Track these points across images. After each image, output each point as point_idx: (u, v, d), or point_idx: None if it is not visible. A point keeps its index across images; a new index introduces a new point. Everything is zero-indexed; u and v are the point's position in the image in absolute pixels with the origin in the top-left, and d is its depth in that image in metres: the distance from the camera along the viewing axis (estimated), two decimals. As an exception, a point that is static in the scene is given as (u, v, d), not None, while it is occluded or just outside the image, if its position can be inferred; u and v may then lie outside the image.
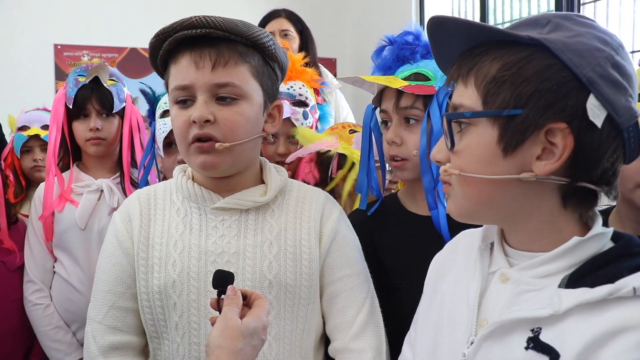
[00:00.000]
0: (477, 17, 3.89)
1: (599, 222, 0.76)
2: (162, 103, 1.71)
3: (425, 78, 1.23)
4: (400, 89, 1.21)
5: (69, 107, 1.73)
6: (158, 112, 1.71)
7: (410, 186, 1.33)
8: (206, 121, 1.01)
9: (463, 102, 0.76)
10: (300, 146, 1.64)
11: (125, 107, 1.78)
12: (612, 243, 0.75)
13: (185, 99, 1.04)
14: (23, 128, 2.28)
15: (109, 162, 1.82)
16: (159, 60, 1.08)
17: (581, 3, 3.31)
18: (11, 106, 2.64)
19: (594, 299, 0.68)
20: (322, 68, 2.66)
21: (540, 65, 0.71)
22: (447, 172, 0.78)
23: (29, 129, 2.26)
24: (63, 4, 4.08)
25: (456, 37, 0.77)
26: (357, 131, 1.61)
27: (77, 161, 1.82)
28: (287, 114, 1.65)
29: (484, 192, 0.76)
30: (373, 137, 1.34)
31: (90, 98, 1.72)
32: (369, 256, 1.21)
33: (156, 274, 1.08)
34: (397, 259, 1.28)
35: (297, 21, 2.66)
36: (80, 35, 4.13)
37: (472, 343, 0.78)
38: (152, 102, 1.79)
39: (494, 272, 0.81)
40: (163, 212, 1.12)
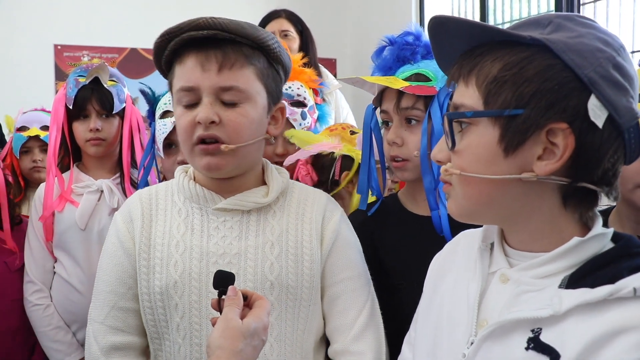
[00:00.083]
0: (477, 17, 3.89)
1: (599, 223, 0.76)
2: (162, 104, 1.71)
3: (426, 79, 1.23)
4: (401, 90, 1.21)
5: (69, 108, 1.72)
6: (158, 113, 1.71)
7: (410, 187, 1.33)
8: (211, 122, 1.01)
9: (464, 102, 0.76)
10: (297, 148, 1.63)
11: (125, 108, 1.78)
12: (612, 243, 0.75)
13: (190, 102, 1.03)
14: (22, 129, 2.28)
15: (109, 163, 1.82)
16: (164, 60, 1.08)
17: (581, 3, 3.31)
18: (11, 106, 2.65)
19: (594, 300, 0.68)
20: (323, 68, 2.66)
21: (541, 65, 0.71)
22: (448, 172, 0.78)
23: (29, 130, 2.26)
24: (63, 4, 4.08)
25: (457, 37, 0.77)
26: (357, 132, 1.60)
27: (77, 162, 1.82)
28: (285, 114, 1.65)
29: (485, 192, 0.76)
30: (373, 138, 1.34)
31: (90, 99, 1.72)
32: (370, 256, 1.21)
33: (158, 275, 1.07)
34: (398, 259, 1.28)
35: (297, 21, 2.66)
36: (80, 35, 4.13)
37: (472, 343, 0.78)
38: (152, 103, 1.78)
39: (494, 273, 0.81)
40: (165, 213, 1.12)
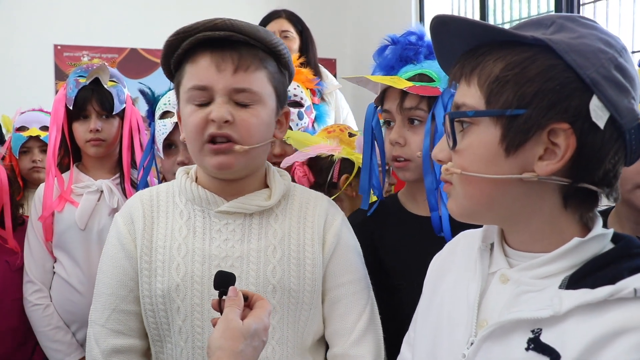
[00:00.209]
0: (477, 17, 3.89)
1: (600, 223, 0.76)
2: (162, 104, 1.71)
3: (429, 79, 1.22)
4: (405, 90, 1.20)
5: (69, 108, 1.72)
6: (157, 113, 1.70)
7: (410, 187, 1.33)
8: (225, 122, 1.01)
9: (466, 102, 0.76)
10: (295, 149, 1.62)
11: (125, 108, 1.78)
12: (612, 244, 0.75)
13: (202, 101, 1.03)
14: (22, 129, 2.27)
15: (109, 163, 1.81)
16: (174, 58, 1.07)
17: (581, 3, 3.31)
18: (11, 106, 2.64)
19: (595, 300, 0.68)
20: (323, 69, 2.66)
21: (543, 65, 0.71)
22: (449, 171, 0.78)
23: (28, 130, 2.26)
24: (63, 5, 4.08)
25: (459, 37, 0.77)
26: (355, 134, 1.59)
27: (77, 162, 1.82)
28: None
29: (485, 192, 0.76)
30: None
31: (90, 99, 1.72)
32: (369, 256, 1.21)
33: (159, 278, 1.07)
34: (397, 260, 1.28)
35: (298, 22, 2.66)
36: (80, 35, 4.13)
37: (472, 344, 0.78)
38: (152, 103, 1.78)
39: (494, 273, 0.81)
40: (166, 215, 1.11)
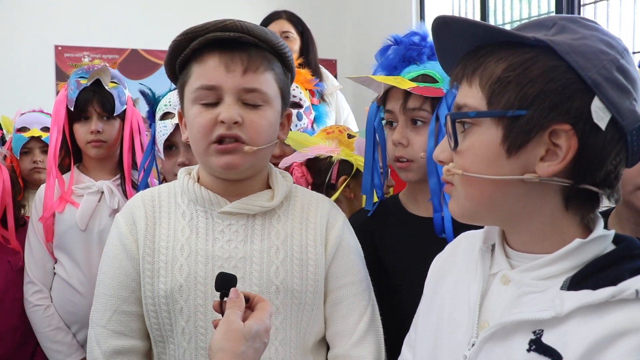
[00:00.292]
0: (477, 18, 3.89)
1: (601, 225, 0.76)
2: (162, 105, 1.70)
3: (432, 80, 1.22)
4: (408, 90, 1.20)
5: (70, 109, 1.72)
6: (158, 114, 1.70)
7: (411, 187, 1.33)
8: (235, 122, 1.01)
9: (467, 102, 0.76)
10: (293, 149, 1.62)
11: (126, 110, 1.78)
12: (614, 245, 0.75)
13: (210, 101, 1.03)
14: (23, 129, 2.27)
15: (110, 164, 1.81)
16: (181, 58, 1.07)
17: (581, 4, 3.31)
18: (12, 107, 2.65)
19: (596, 302, 0.68)
20: (323, 69, 2.66)
21: (545, 66, 0.71)
22: (450, 172, 0.78)
23: (29, 131, 2.26)
24: (63, 5, 4.09)
25: (460, 38, 0.77)
26: (354, 136, 1.59)
27: (78, 163, 1.82)
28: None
29: (487, 193, 0.76)
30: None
31: (91, 100, 1.71)
32: (370, 257, 1.21)
33: (162, 278, 1.07)
34: (398, 260, 1.28)
35: (298, 23, 2.66)
36: (80, 36, 4.14)
37: (473, 345, 0.78)
38: (152, 104, 1.78)
39: (495, 274, 0.81)
40: (168, 215, 1.11)
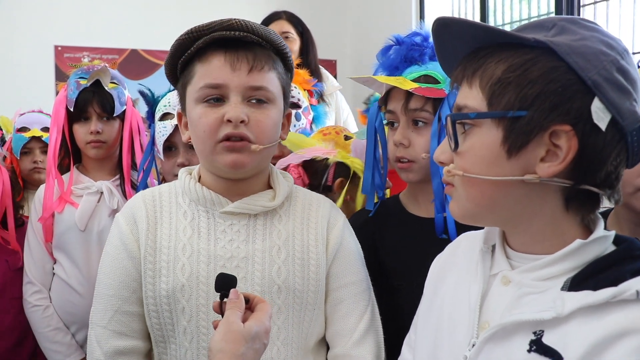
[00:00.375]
0: (477, 18, 3.90)
1: (601, 225, 0.75)
2: (162, 105, 1.70)
3: (434, 81, 1.22)
4: (410, 91, 1.20)
5: (70, 110, 1.72)
6: (157, 115, 1.70)
7: (412, 188, 1.33)
8: (241, 121, 1.02)
9: (467, 103, 0.76)
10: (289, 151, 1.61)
11: (125, 110, 1.78)
12: (614, 246, 0.75)
13: (217, 97, 1.04)
14: (23, 129, 2.27)
15: (109, 165, 1.81)
16: (184, 57, 1.07)
17: (581, 5, 3.31)
18: (11, 107, 2.65)
19: (597, 302, 0.68)
20: (323, 70, 2.66)
21: (545, 67, 0.71)
22: (451, 173, 0.78)
23: (30, 131, 2.26)
24: (63, 5, 4.09)
25: (460, 39, 0.77)
26: (351, 137, 1.58)
27: (77, 163, 1.82)
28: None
29: (487, 194, 0.76)
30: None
31: (91, 101, 1.71)
32: (370, 257, 1.21)
33: (164, 278, 1.06)
34: (398, 260, 1.28)
35: (298, 23, 2.66)
36: (80, 36, 4.14)
37: (474, 345, 0.78)
38: (151, 104, 1.78)
39: (496, 275, 0.81)
40: (169, 215, 1.11)
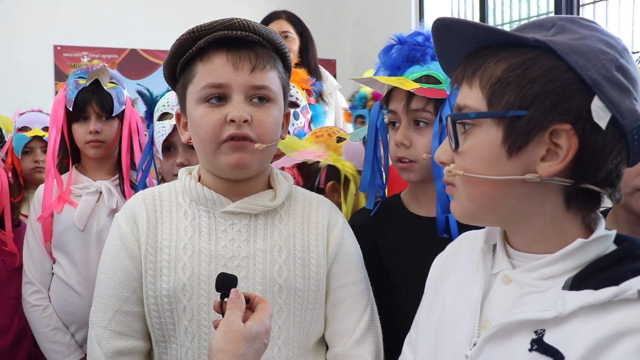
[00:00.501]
0: (477, 18, 3.90)
1: (602, 225, 0.76)
2: (160, 105, 1.71)
3: (436, 81, 1.22)
4: (411, 92, 1.20)
5: (69, 109, 1.72)
6: (156, 115, 1.70)
7: (413, 188, 1.33)
8: (244, 121, 1.02)
9: (468, 103, 0.76)
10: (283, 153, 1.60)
11: (124, 110, 1.78)
12: (615, 245, 0.75)
13: (219, 96, 1.03)
14: (24, 129, 2.28)
15: (108, 164, 1.81)
16: (185, 57, 1.07)
17: (580, 4, 3.32)
18: (11, 106, 2.65)
19: (598, 301, 0.68)
20: (323, 70, 2.66)
21: (545, 66, 0.71)
22: (451, 173, 0.78)
23: (31, 130, 2.27)
24: (63, 5, 4.09)
25: (460, 39, 0.77)
26: (344, 138, 1.58)
27: (76, 163, 1.81)
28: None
29: (488, 193, 0.76)
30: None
31: (90, 101, 1.71)
32: (371, 256, 1.21)
33: (165, 278, 1.06)
34: (398, 260, 1.28)
35: (298, 23, 2.66)
36: (80, 36, 4.14)
37: (475, 345, 0.78)
38: (150, 104, 1.77)
39: (497, 274, 0.81)
40: (170, 214, 1.11)
